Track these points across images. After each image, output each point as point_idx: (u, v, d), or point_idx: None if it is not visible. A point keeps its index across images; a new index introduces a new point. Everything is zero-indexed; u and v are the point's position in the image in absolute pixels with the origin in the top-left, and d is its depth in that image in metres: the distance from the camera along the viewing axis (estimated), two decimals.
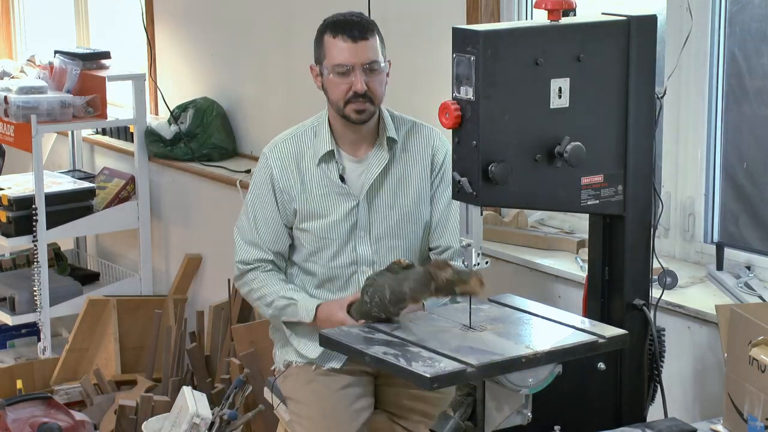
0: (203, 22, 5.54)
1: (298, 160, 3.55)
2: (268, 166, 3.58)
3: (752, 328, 2.90)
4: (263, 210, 3.58)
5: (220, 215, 5.31)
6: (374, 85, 3.44)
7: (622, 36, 2.99)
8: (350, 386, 3.52)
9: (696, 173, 3.70)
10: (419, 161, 3.57)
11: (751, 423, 2.84)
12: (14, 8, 6.99)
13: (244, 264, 3.60)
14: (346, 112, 3.46)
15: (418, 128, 3.60)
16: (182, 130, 5.41)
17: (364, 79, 3.42)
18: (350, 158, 3.55)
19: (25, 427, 4.49)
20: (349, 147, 3.55)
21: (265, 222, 3.57)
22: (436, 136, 3.59)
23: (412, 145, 3.58)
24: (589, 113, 2.96)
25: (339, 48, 3.42)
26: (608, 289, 3.14)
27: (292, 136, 3.59)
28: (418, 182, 3.57)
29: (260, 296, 3.57)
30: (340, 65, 3.42)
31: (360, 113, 3.45)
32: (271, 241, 3.57)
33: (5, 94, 5.37)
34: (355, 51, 3.41)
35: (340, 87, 3.44)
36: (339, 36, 3.43)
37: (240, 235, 3.62)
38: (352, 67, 3.42)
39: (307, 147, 3.56)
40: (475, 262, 2.95)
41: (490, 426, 2.91)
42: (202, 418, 4.08)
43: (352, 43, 3.41)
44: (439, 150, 3.58)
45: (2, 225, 5.40)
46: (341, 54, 3.42)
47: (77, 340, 5.31)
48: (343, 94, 3.44)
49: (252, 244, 3.58)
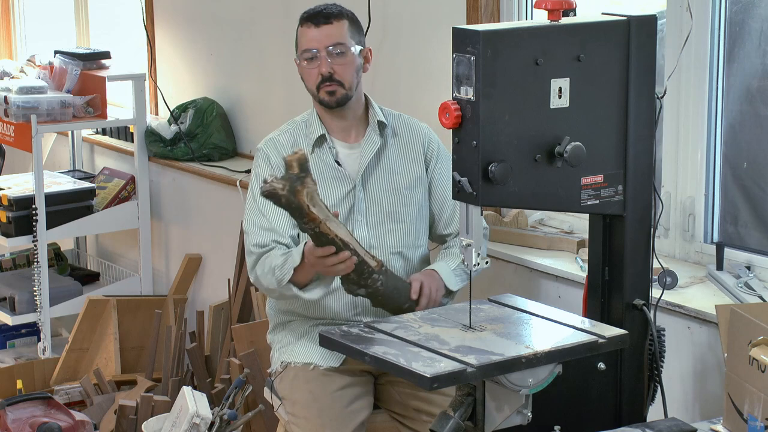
0: (203, 22, 5.54)
1: (294, 147, 3.58)
2: (265, 156, 3.62)
3: (752, 328, 2.90)
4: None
5: (220, 215, 5.31)
6: (340, 68, 3.54)
7: (622, 36, 2.99)
8: (348, 386, 3.52)
9: (696, 173, 3.70)
10: (411, 147, 3.67)
11: (751, 423, 2.84)
12: (14, 8, 6.98)
13: (260, 246, 3.54)
14: (320, 96, 3.58)
15: (404, 118, 3.73)
16: (182, 130, 5.41)
17: (329, 62, 3.53)
18: (342, 144, 3.64)
19: (25, 427, 4.49)
20: (340, 134, 3.63)
21: (274, 208, 3.55)
22: (423, 127, 3.72)
23: (402, 132, 3.69)
24: (589, 113, 2.96)
25: (305, 35, 3.57)
26: (608, 289, 3.14)
27: (285, 130, 3.68)
28: (411, 167, 3.65)
29: (269, 269, 3.48)
30: (306, 51, 3.56)
31: (331, 94, 3.55)
32: (284, 223, 3.55)
33: (5, 94, 5.37)
34: (318, 35, 3.54)
35: (310, 72, 3.57)
36: (305, 24, 3.58)
37: (252, 225, 3.58)
38: (318, 51, 3.54)
39: (302, 136, 3.64)
40: (475, 262, 2.95)
41: (490, 426, 2.91)
42: (202, 418, 4.08)
43: (315, 29, 3.55)
44: (431, 140, 3.70)
45: (2, 225, 5.40)
46: (307, 40, 3.56)
47: (77, 340, 5.31)
48: (314, 79, 3.56)
49: (268, 230, 3.55)
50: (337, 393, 3.50)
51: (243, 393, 4.17)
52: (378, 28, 4.49)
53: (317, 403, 3.49)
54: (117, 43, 6.02)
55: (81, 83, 5.50)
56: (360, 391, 3.54)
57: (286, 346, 3.64)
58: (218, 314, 5.13)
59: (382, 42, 4.51)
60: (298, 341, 3.61)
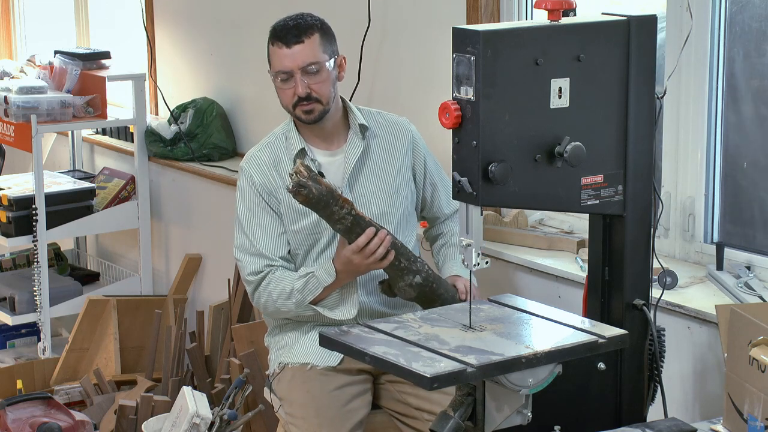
0: (203, 22, 5.54)
1: (276, 164, 3.60)
2: (248, 176, 3.60)
3: (752, 328, 2.90)
4: (257, 219, 3.58)
5: (220, 215, 5.31)
6: (317, 86, 3.53)
7: (622, 36, 2.99)
8: (346, 386, 3.52)
9: (696, 173, 3.70)
10: (393, 146, 3.67)
11: (751, 423, 2.84)
12: (14, 8, 6.98)
13: (255, 274, 3.57)
14: (296, 114, 3.56)
15: (383, 116, 3.71)
16: (182, 130, 5.41)
17: (305, 82, 3.51)
18: (324, 152, 3.62)
19: (25, 427, 4.49)
20: (321, 143, 3.63)
21: (262, 230, 3.57)
22: (402, 121, 3.72)
23: (383, 132, 3.67)
24: (589, 113, 2.96)
25: (277, 55, 3.55)
26: (608, 289, 3.14)
27: (265, 145, 3.66)
28: (395, 165, 3.65)
29: (280, 293, 3.51)
30: (280, 72, 3.54)
31: (309, 113, 3.55)
32: (274, 247, 3.57)
33: (5, 94, 5.37)
34: (290, 56, 3.52)
35: (286, 93, 3.56)
36: (276, 43, 3.55)
37: (242, 253, 3.59)
38: (292, 72, 3.51)
39: (282, 151, 3.62)
40: (475, 262, 2.95)
41: (490, 426, 2.91)
42: (202, 418, 4.08)
43: (287, 49, 3.52)
44: (414, 134, 3.71)
45: (2, 225, 5.40)
46: (279, 61, 3.54)
47: (77, 340, 5.31)
48: (290, 98, 3.55)
49: (257, 255, 3.57)
50: (335, 392, 3.50)
51: (243, 393, 4.18)
52: (378, 28, 4.49)
53: (315, 403, 3.49)
54: (117, 43, 6.02)
55: (81, 83, 5.50)
56: (358, 390, 3.54)
57: (284, 347, 3.64)
58: (218, 314, 5.14)
59: (382, 42, 4.51)
60: (296, 342, 3.61)
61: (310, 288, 3.47)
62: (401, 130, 3.70)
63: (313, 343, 3.50)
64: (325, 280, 3.44)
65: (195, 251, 5.55)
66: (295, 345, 3.61)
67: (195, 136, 5.38)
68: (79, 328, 5.32)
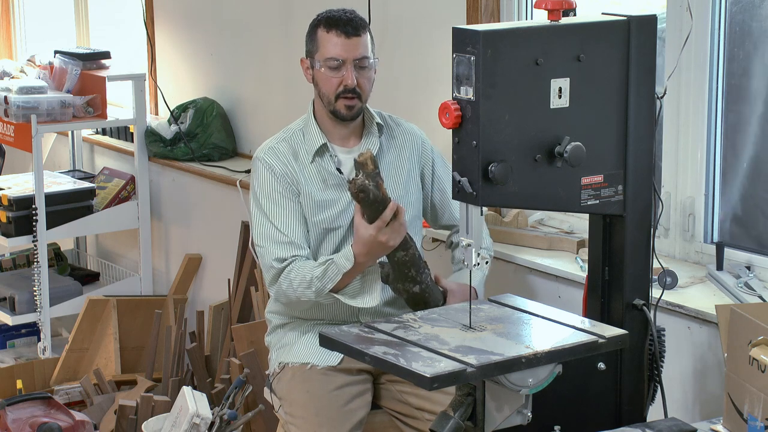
0: (203, 22, 5.54)
1: (294, 157, 3.58)
2: (268, 166, 3.58)
3: (752, 328, 2.90)
4: (282, 208, 3.55)
5: (220, 215, 5.31)
6: (363, 81, 3.55)
7: (622, 36, 2.99)
8: (345, 386, 3.52)
9: (696, 173, 3.70)
10: (405, 149, 3.69)
11: (751, 423, 2.84)
12: (14, 8, 6.99)
13: (280, 261, 3.50)
14: (336, 106, 3.55)
15: (395, 119, 3.75)
16: (182, 130, 5.41)
17: (354, 75, 3.51)
18: (342, 149, 3.63)
19: (25, 427, 4.49)
20: (339, 141, 3.64)
21: (289, 218, 3.54)
22: (413, 127, 3.75)
23: (395, 133, 3.70)
24: (589, 113, 2.96)
25: (332, 42, 3.52)
26: (608, 289, 3.14)
27: (282, 139, 3.64)
28: (408, 166, 3.67)
29: (301, 281, 3.46)
30: (332, 59, 3.52)
31: (350, 109, 3.55)
32: (302, 234, 3.54)
33: (5, 94, 5.37)
34: (347, 46, 3.52)
35: (331, 81, 3.54)
36: (333, 30, 3.53)
37: (267, 240, 3.53)
38: (344, 61, 3.52)
39: (299, 146, 3.61)
40: (475, 262, 2.95)
41: (490, 426, 2.91)
42: (202, 418, 4.08)
43: (345, 39, 3.52)
44: (424, 139, 3.74)
45: (2, 225, 5.40)
46: (334, 48, 3.52)
47: (77, 340, 5.31)
48: (334, 88, 3.54)
49: (286, 243, 3.52)
50: (335, 392, 3.50)
51: (243, 393, 4.18)
52: (378, 28, 4.48)
53: (314, 403, 3.49)
54: (117, 43, 6.02)
55: (81, 83, 5.51)
56: (358, 390, 3.54)
57: (284, 346, 3.64)
58: (218, 314, 5.14)
59: (382, 42, 4.50)
60: (296, 342, 3.61)
61: (330, 275, 3.41)
62: (410, 134, 3.73)
63: (313, 343, 3.49)
64: (344, 265, 3.39)
65: (195, 251, 5.55)
66: (295, 345, 3.61)
67: (195, 136, 5.38)
68: (79, 328, 5.32)
